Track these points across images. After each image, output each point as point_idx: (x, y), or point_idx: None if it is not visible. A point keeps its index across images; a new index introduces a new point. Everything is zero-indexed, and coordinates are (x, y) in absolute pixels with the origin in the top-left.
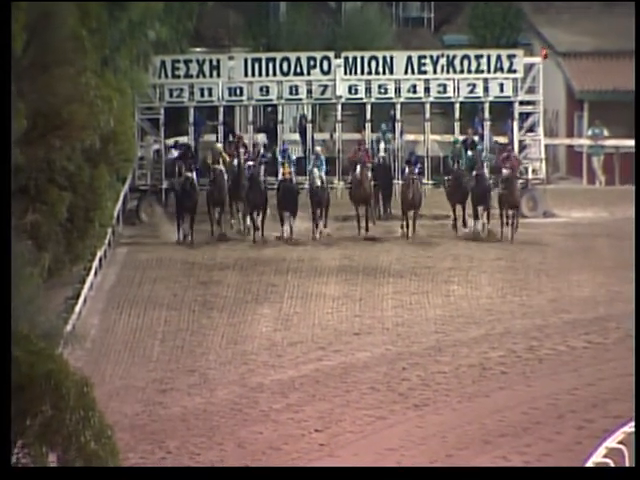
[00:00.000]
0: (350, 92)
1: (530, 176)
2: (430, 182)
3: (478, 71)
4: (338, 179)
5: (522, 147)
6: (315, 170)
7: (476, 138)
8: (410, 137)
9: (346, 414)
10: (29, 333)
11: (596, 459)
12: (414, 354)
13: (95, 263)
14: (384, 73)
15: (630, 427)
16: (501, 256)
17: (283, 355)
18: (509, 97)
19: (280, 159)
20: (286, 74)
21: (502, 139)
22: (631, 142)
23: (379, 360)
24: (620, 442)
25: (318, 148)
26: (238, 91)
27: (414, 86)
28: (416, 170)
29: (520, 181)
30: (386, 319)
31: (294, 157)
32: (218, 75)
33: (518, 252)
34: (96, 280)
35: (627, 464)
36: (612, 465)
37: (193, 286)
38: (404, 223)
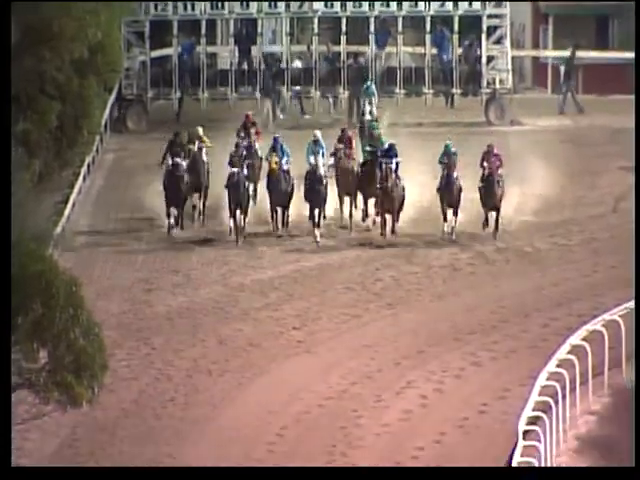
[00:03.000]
0: (326, 6)
1: (497, 86)
2: (402, 92)
3: None
4: (315, 89)
5: (489, 59)
6: (319, 159)
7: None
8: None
9: (323, 312)
10: (20, 235)
11: (560, 355)
12: (387, 255)
13: (83, 169)
14: None
15: (594, 325)
16: (470, 162)
17: (262, 257)
18: (478, 11)
19: (270, 151)
20: None
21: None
22: (593, 53)
23: (354, 261)
24: (583, 339)
25: (317, 132)
26: (219, 5)
27: (387, 0)
28: (393, 164)
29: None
30: (361, 222)
31: (287, 149)
32: None
33: None
34: (84, 185)
35: (590, 360)
36: (576, 362)
37: None
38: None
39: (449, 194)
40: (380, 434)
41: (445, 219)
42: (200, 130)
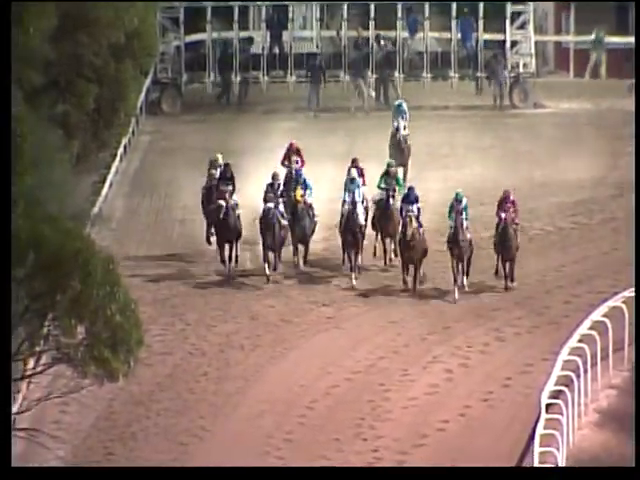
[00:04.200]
0: None
1: (521, 70)
2: (429, 75)
3: None
4: (344, 73)
5: (513, 43)
6: (355, 198)
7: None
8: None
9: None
10: (59, 214)
11: (582, 331)
12: None
13: (120, 150)
14: None
15: (614, 301)
16: (494, 144)
17: None
18: None
19: (293, 182)
20: None
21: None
22: (614, 39)
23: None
24: (604, 315)
25: (354, 171)
26: None
27: None
28: (415, 209)
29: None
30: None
31: (309, 182)
32: None
33: (509, 140)
34: (121, 166)
35: (610, 335)
36: (597, 337)
37: None
38: (405, 277)
39: (458, 249)
40: (407, 407)
41: (454, 275)
42: (220, 157)
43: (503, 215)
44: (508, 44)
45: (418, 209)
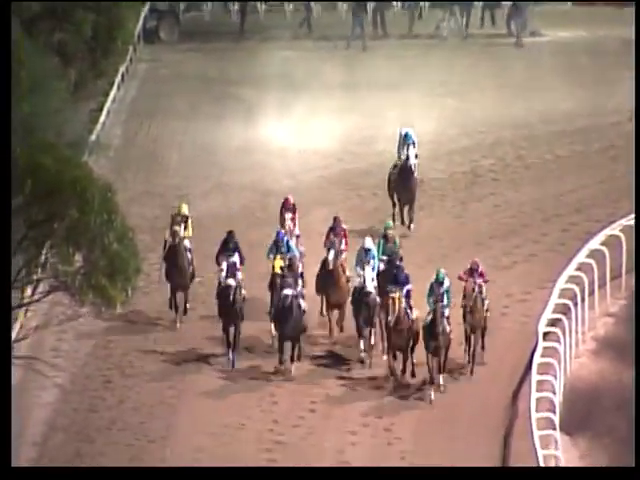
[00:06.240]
0: None
1: None
2: (427, 4)
3: None
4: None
5: None
6: (367, 272)
7: None
8: None
9: (348, 218)
10: (57, 142)
11: (579, 259)
12: None
13: (117, 78)
14: None
15: (612, 230)
16: (492, 73)
17: (292, 164)
18: None
19: (272, 247)
20: None
21: None
22: None
23: (379, 168)
24: (602, 243)
25: (368, 239)
26: None
27: None
28: (404, 292)
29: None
30: (388, 128)
31: (295, 248)
32: None
33: (508, 69)
34: (119, 94)
35: (608, 264)
36: (594, 265)
37: (209, 100)
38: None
39: (435, 343)
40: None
41: (430, 372)
42: (185, 208)
43: (467, 286)
44: None
45: (408, 291)
